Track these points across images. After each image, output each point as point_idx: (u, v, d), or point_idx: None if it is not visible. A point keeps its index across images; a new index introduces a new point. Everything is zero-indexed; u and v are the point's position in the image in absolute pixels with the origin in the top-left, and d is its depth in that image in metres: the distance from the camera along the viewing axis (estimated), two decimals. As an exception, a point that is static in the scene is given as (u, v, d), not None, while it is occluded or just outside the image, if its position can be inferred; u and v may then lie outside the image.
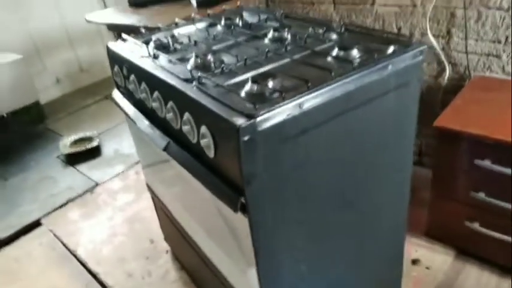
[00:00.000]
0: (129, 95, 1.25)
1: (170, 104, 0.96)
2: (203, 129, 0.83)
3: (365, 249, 1.16)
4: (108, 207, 2.01)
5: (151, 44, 1.19)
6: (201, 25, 1.36)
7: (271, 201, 0.83)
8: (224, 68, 0.96)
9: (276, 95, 0.80)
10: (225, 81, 0.88)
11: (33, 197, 2.14)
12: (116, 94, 1.34)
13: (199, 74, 0.91)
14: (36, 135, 2.82)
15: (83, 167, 2.36)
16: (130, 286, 1.55)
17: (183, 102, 0.90)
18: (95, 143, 2.50)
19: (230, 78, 0.91)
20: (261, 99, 0.79)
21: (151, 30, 1.37)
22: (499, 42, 1.56)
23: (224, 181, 0.83)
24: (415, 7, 1.72)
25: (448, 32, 1.67)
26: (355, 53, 0.95)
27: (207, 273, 1.27)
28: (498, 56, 1.59)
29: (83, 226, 1.91)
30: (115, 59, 1.26)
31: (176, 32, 1.32)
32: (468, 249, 1.49)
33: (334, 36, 1.11)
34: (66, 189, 2.17)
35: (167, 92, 0.97)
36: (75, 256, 1.73)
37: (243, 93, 0.83)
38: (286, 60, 0.97)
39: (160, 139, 1.03)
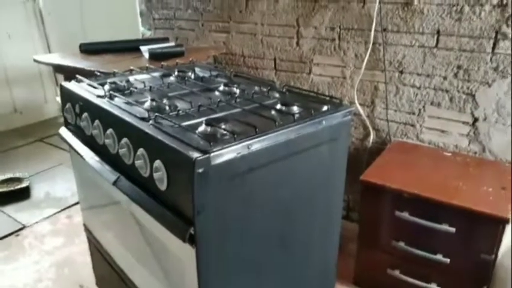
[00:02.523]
0: (78, 132, 1.28)
1: (124, 140, 1.02)
2: (157, 163, 0.90)
3: (297, 290, 1.24)
4: (35, 250, 1.90)
5: (107, 86, 1.26)
6: (155, 74, 1.46)
7: (217, 233, 0.90)
8: (179, 112, 1.05)
9: (228, 136, 0.90)
10: (180, 123, 0.97)
11: None
12: (64, 131, 1.36)
13: (156, 114, 0.99)
14: (-42, 174, 2.62)
15: (9, 209, 2.22)
16: (54, 334, 1.45)
17: (138, 139, 0.97)
18: (24, 184, 2.38)
19: (185, 120, 1.00)
20: (214, 139, 0.88)
21: (107, 74, 1.44)
22: (413, 113, 1.83)
23: (174, 213, 0.88)
24: (344, 79, 1.97)
25: (372, 102, 1.93)
26: (295, 108, 1.10)
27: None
28: (413, 125, 1.85)
29: (4, 269, 1.77)
30: (68, 96, 1.30)
31: (131, 78, 1.40)
32: (390, 296, 1.62)
33: (277, 94, 1.26)
34: (-13, 231, 2.02)
35: (122, 129, 1.03)
36: (-8, 302, 1.60)
37: (197, 133, 0.92)
38: (236, 109, 1.09)
39: (110, 174, 1.07)
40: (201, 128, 0.94)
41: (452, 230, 1.38)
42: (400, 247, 1.51)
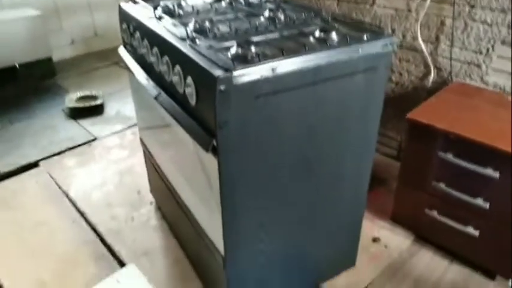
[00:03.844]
0: (132, 51, 1.39)
1: (165, 58, 1.09)
2: (189, 79, 0.96)
3: (323, 216, 1.29)
4: (103, 159, 2.16)
5: (159, 8, 1.33)
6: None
7: (239, 147, 0.96)
8: (217, 34, 1.09)
9: (256, 58, 0.93)
10: (215, 44, 1.02)
11: (34, 142, 2.29)
12: (122, 50, 1.48)
13: (194, 35, 1.04)
14: (45, 88, 2.96)
15: (85, 122, 2.50)
16: (113, 227, 1.69)
17: (175, 57, 1.04)
18: (99, 101, 2.64)
19: (220, 42, 1.04)
20: (242, 60, 0.92)
21: (162, -3, 1.50)
22: (481, 53, 1.68)
23: (202, 126, 0.96)
24: (409, 12, 1.84)
25: (437, 38, 1.80)
26: (333, 36, 1.08)
27: (184, 221, 1.40)
28: (478, 66, 1.71)
29: (77, 172, 2.05)
30: (124, 17, 1.40)
31: (183, 2, 1.45)
32: (426, 235, 1.63)
33: (320, 21, 1.24)
34: (66, 139, 2.31)
35: (164, 47, 1.10)
36: (66, 196, 1.88)
37: (228, 54, 0.96)
38: (273, 35, 1.11)
39: (153, 89, 1.17)
40: (233, 50, 0.97)
41: (496, 175, 1.32)
42: (440, 188, 1.49)
